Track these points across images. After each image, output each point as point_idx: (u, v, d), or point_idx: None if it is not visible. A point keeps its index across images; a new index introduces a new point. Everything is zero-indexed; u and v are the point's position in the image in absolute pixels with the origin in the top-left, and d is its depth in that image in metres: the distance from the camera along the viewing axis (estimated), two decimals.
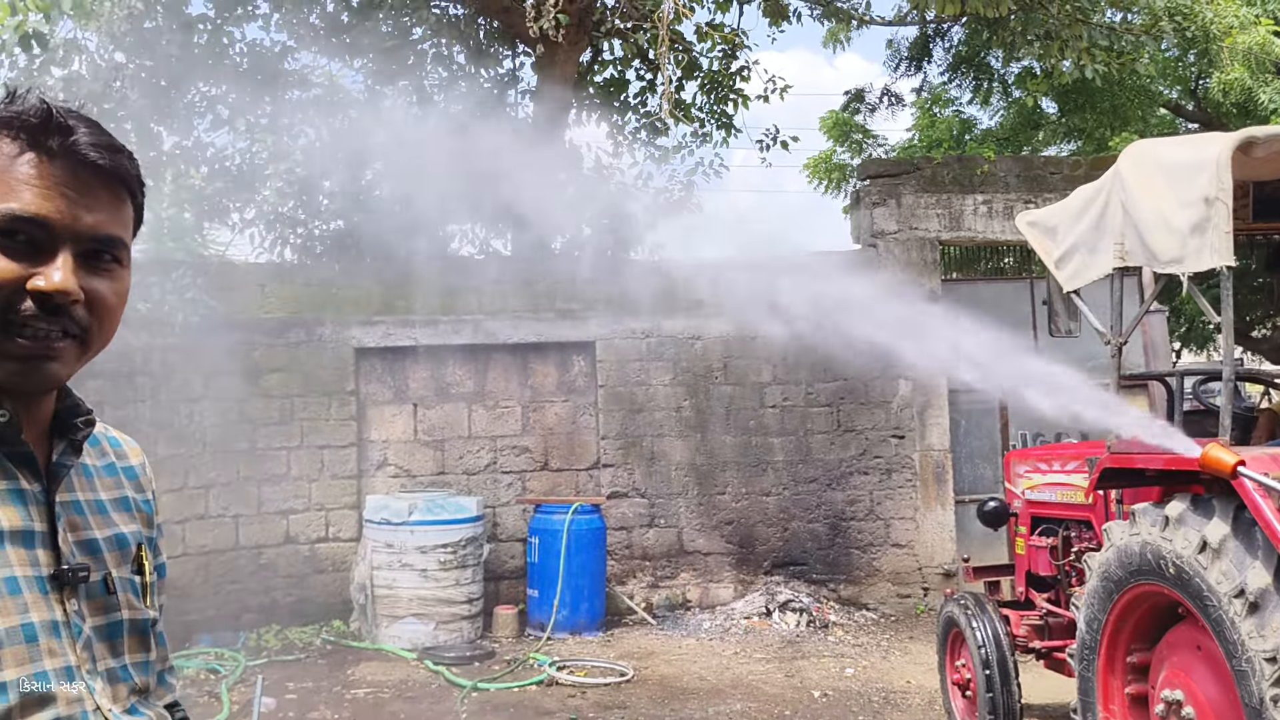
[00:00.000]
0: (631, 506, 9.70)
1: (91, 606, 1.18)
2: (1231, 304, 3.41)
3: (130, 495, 1.33)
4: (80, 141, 1.14)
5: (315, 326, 9.32)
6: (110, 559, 1.23)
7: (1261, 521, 3.15)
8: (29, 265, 1.11)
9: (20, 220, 1.10)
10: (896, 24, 12.20)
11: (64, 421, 1.23)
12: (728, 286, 9.82)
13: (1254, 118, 11.18)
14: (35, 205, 1.11)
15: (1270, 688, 3.07)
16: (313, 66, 10.31)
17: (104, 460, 1.32)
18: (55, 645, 1.11)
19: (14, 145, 1.12)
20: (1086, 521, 5.19)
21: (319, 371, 9.31)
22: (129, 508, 1.32)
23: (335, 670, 7.76)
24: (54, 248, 1.13)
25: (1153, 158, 3.77)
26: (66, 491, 1.21)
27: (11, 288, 1.10)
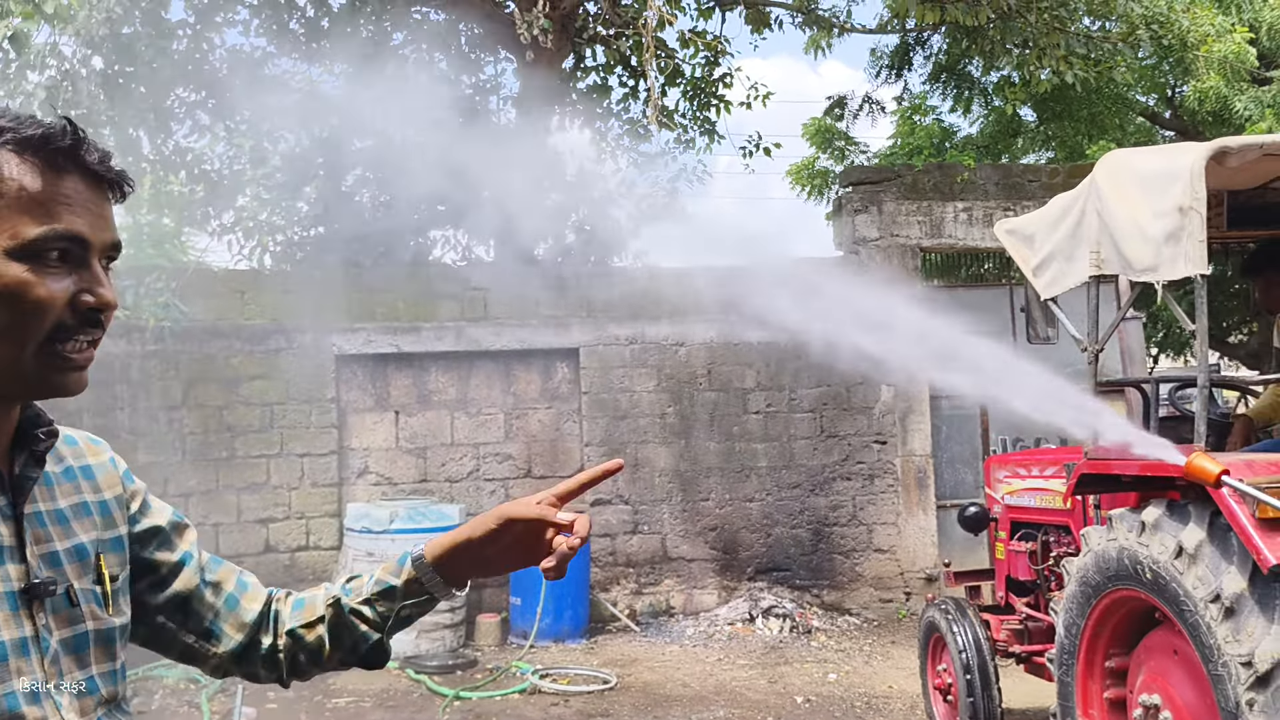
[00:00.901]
0: (615, 513, 9.69)
1: (58, 620, 1.19)
2: (1206, 312, 3.44)
3: (88, 499, 1.32)
4: (94, 159, 1.19)
5: (295, 333, 9.29)
6: (71, 571, 1.23)
7: (1237, 528, 3.18)
8: (74, 281, 1.17)
9: (62, 239, 1.15)
10: (878, 32, 12.26)
11: (25, 432, 1.23)
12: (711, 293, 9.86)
13: (1229, 126, 11.29)
14: (74, 224, 1.16)
15: (1246, 692, 3.10)
16: (292, 72, 10.30)
17: (61, 465, 1.32)
18: (24, 664, 1.12)
19: (41, 164, 1.16)
20: (1065, 526, 5.22)
21: (299, 379, 9.27)
22: (87, 513, 1.31)
23: (316, 679, 7.71)
24: (88, 261, 1.18)
25: (1128, 167, 3.81)
26: (30, 503, 1.22)
27: (64, 304, 1.16)
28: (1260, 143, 3.41)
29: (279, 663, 1.48)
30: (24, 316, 1.13)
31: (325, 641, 1.48)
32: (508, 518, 1.44)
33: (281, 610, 1.51)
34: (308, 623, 1.49)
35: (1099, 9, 9.88)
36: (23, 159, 1.14)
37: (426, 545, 1.48)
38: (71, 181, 1.17)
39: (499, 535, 1.44)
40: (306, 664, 1.50)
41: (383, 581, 1.49)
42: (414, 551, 1.49)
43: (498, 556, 1.47)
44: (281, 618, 1.50)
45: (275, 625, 1.49)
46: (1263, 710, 3.07)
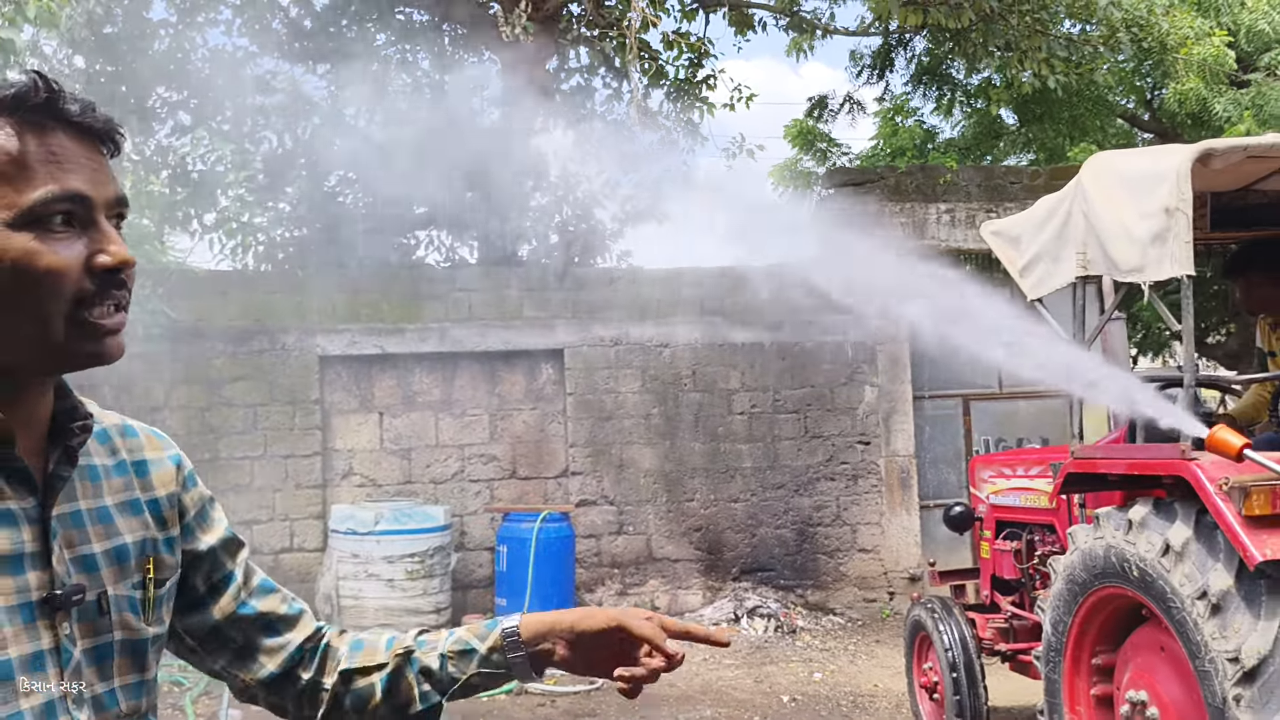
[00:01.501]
0: (600, 514, 9.70)
1: (83, 629, 1.11)
2: (1192, 312, 3.48)
3: (139, 497, 1.23)
4: (74, 110, 1.11)
5: (279, 334, 9.25)
6: (108, 575, 1.15)
7: (1223, 525, 3.22)
8: (85, 243, 1.09)
9: (62, 200, 1.07)
10: (860, 34, 12.32)
11: (61, 425, 1.15)
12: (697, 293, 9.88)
13: (1208, 128, 11.40)
14: (70, 182, 1.08)
15: (1233, 688, 3.14)
16: (275, 72, 10.25)
17: (115, 459, 1.23)
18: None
19: (23, 126, 1.08)
20: (1050, 525, 5.26)
21: (283, 380, 9.23)
22: (137, 511, 1.22)
23: None
24: (94, 219, 1.10)
25: (1114, 169, 3.85)
26: (65, 502, 1.13)
27: (80, 269, 1.08)
28: (1244, 145, 3.46)
29: (319, 701, 1.38)
30: (40, 289, 1.06)
31: (377, 692, 1.38)
32: (621, 625, 1.38)
33: (336, 647, 1.41)
34: (364, 667, 1.39)
35: (1080, 12, 9.97)
36: (3, 122, 1.07)
37: (522, 620, 1.41)
38: (58, 139, 1.09)
39: (604, 637, 1.38)
40: (348, 709, 1.38)
41: (464, 641, 1.40)
42: (507, 623, 1.41)
43: (586, 656, 1.41)
44: (335, 655, 1.40)
45: (324, 662, 1.39)
46: (1249, 705, 3.11)
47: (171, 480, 1.29)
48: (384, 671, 1.38)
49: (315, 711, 1.39)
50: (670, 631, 1.39)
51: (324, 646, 1.40)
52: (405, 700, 1.38)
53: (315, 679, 1.38)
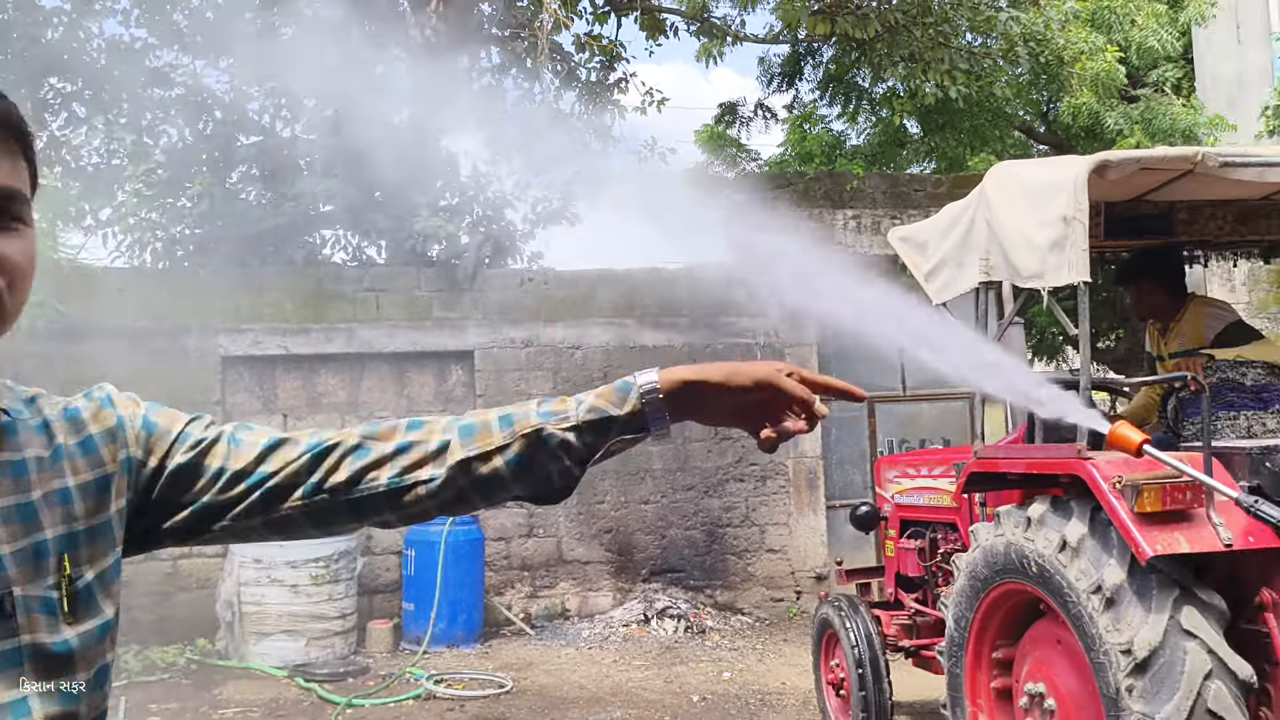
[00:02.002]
0: (510, 516, 9.64)
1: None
2: (1089, 317, 3.62)
3: (70, 484, 1.15)
4: None
5: (179, 334, 8.99)
6: (17, 574, 1.07)
7: (1116, 522, 3.35)
8: None
9: None
10: (769, 42, 12.49)
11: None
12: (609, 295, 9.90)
13: (1100, 140, 11.85)
14: None
15: (1125, 678, 3.26)
16: (175, 65, 9.96)
17: (50, 448, 1.15)
18: None
19: None
20: (952, 524, 5.40)
21: (183, 381, 8.96)
22: (65, 500, 1.14)
23: (201, 690, 7.49)
24: None
25: (1015, 178, 3.98)
26: None
27: None
28: (1137, 157, 3.61)
29: (402, 501, 1.27)
30: None
31: (505, 474, 1.28)
32: (772, 383, 1.32)
33: (423, 441, 1.29)
34: (485, 452, 1.28)
35: (980, 25, 10.28)
36: None
37: (661, 375, 1.31)
38: None
39: (747, 392, 1.32)
40: (474, 496, 1.30)
41: (599, 410, 1.30)
42: (642, 382, 1.31)
43: (729, 409, 1.34)
44: (427, 447, 1.28)
45: (424, 459, 1.27)
46: (1141, 695, 3.24)
47: (127, 442, 1.22)
48: (507, 453, 1.29)
49: (407, 508, 1.29)
50: (814, 386, 1.35)
51: (407, 444, 1.29)
52: (541, 477, 1.31)
53: (407, 479, 1.27)
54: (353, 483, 1.26)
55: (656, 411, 1.30)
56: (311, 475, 1.26)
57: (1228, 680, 3.24)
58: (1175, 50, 12.65)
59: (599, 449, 1.31)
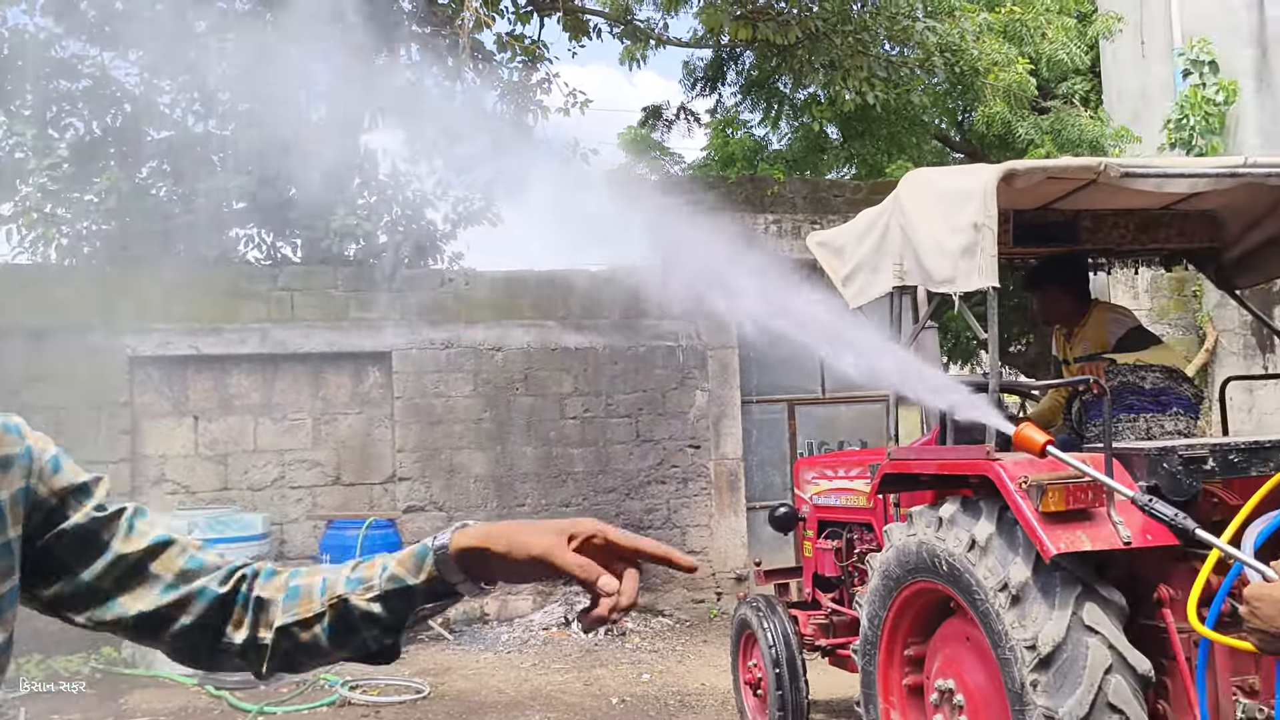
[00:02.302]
0: (429, 520, 9.53)
1: None
2: (997, 322, 3.71)
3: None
4: None
5: (85, 333, 8.71)
6: None
7: (1022, 521, 3.44)
8: None
9: None
10: (692, 46, 12.56)
11: None
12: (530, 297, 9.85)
13: (1012, 149, 12.16)
14: None
15: (1030, 673, 3.35)
16: (83, 56, 9.65)
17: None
18: None
19: None
20: (868, 524, 5.49)
21: (88, 382, 8.70)
22: None
23: (106, 700, 7.27)
24: None
25: (928, 185, 4.06)
26: None
27: None
28: (1044, 166, 3.71)
29: (259, 658, 1.28)
30: None
31: (323, 641, 1.27)
32: (547, 561, 1.23)
33: (269, 601, 1.29)
34: (303, 620, 1.27)
35: (898, 35, 10.47)
36: None
37: (453, 538, 1.25)
38: None
39: (530, 565, 1.24)
40: (302, 660, 1.29)
41: (398, 579, 1.26)
42: (436, 544, 1.26)
43: (524, 575, 1.28)
44: (270, 611, 1.28)
45: (258, 615, 1.28)
46: (1045, 690, 3.33)
47: (20, 474, 1.19)
48: (323, 621, 1.27)
49: (260, 665, 1.29)
50: (620, 551, 1.26)
51: (253, 599, 1.28)
52: (358, 644, 1.28)
53: (252, 636, 1.27)
54: (217, 635, 1.27)
55: (455, 576, 1.25)
56: (183, 616, 1.25)
57: (1127, 674, 3.34)
58: (1084, 63, 13.05)
59: (406, 616, 1.27)
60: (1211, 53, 10.67)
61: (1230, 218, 4.89)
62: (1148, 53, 11.79)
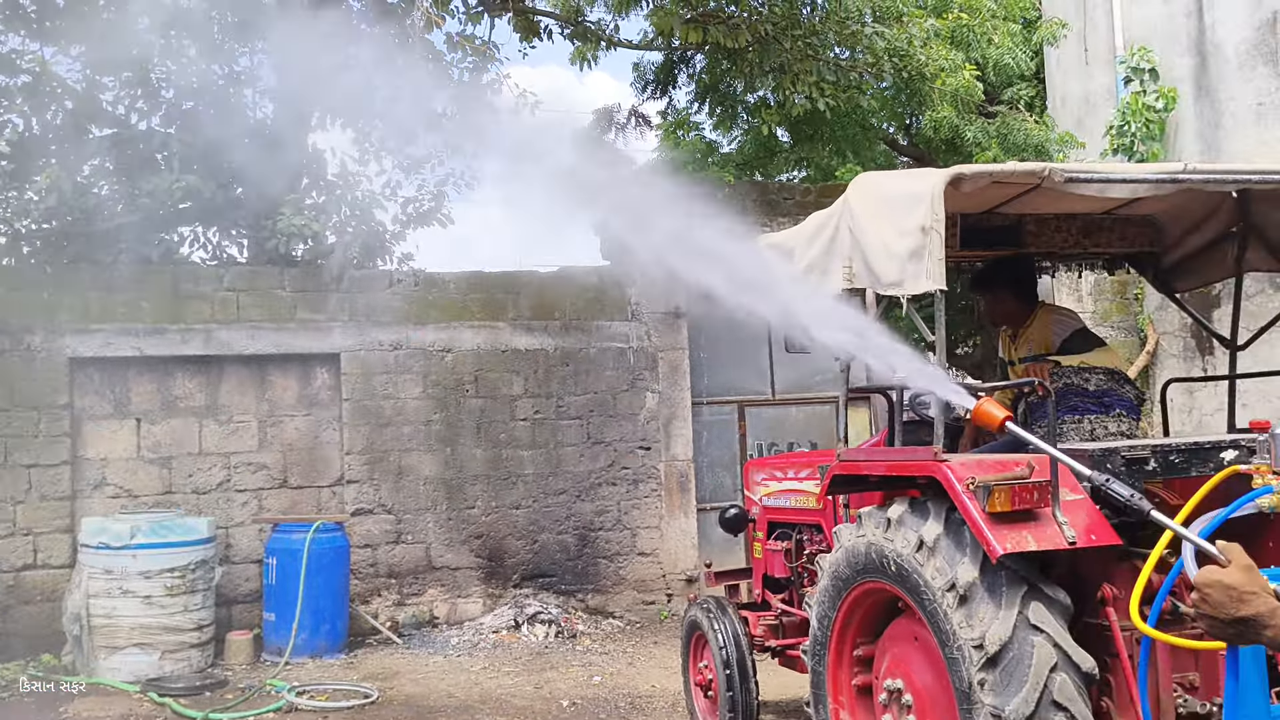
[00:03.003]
0: (377, 523, 9.45)
1: None
2: (944, 324, 3.75)
3: None
4: None
5: (22, 334, 8.53)
6: None
7: (969, 521, 3.47)
8: None
9: None
10: (643, 48, 12.57)
11: None
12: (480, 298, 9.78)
13: (960, 153, 12.33)
14: None
15: (978, 672, 3.38)
16: (21, 51, 9.43)
17: None
18: None
19: None
20: (817, 525, 5.52)
21: (26, 383, 8.52)
22: None
23: (46, 709, 7.10)
24: None
25: (876, 189, 4.09)
26: None
27: None
28: (990, 171, 3.75)
29: None
30: None
31: None
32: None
33: None
34: None
35: (847, 40, 10.56)
36: None
37: None
38: None
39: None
40: None
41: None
42: None
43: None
44: None
45: None
46: (992, 689, 3.37)
47: None
48: None
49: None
50: None
51: None
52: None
53: None
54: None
55: None
56: None
57: (1072, 672, 3.39)
58: (1029, 69, 13.26)
59: None
60: (1152, 60, 10.87)
61: (1170, 222, 5.00)
62: (1090, 59, 12.00)
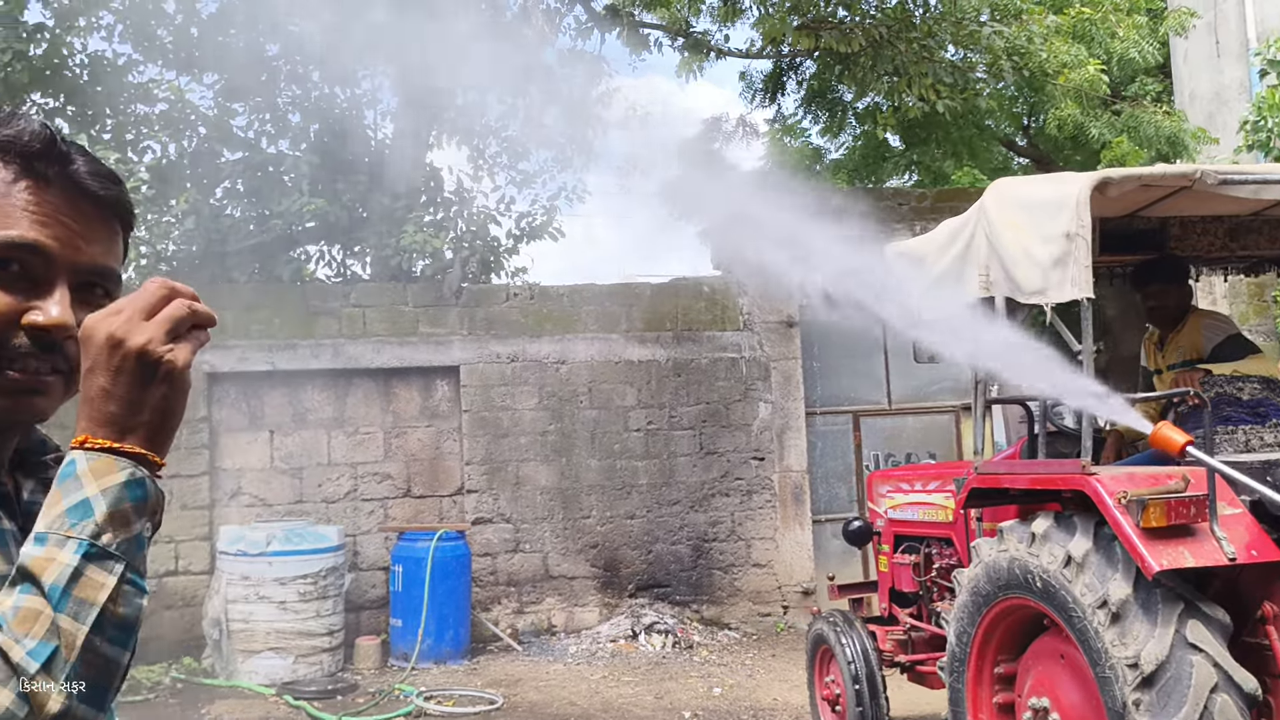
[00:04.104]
0: (496, 532, 9.60)
1: None
2: (1091, 333, 3.65)
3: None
4: (80, 170, 1.10)
5: None
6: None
7: (1122, 537, 3.37)
8: (24, 298, 1.06)
9: (18, 249, 1.05)
10: (752, 56, 12.55)
11: (27, 458, 1.17)
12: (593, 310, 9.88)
13: (1085, 150, 11.96)
14: (35, 233, 1.06)
15: (1132, 692, 3.28)
16: (159, 80, 9.90)
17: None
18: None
19: (8, 170, 1.07)
20: (948, 539, 5.41)
21: None
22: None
23: (188, 709, 7.40)
24: (51, 279, 1.08)
25: (1016, 195, 4.01)
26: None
27: (6, 320, 1.05)
28: (1139, 174, 3.65)
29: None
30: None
31: None
32: None
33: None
34: None
35: (964, 40, 10.35)
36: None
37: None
38: (50, 192, 1.07)
39: None
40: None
41: None
42: None
43: None
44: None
45: None
46: (1148, 709, 3.26)
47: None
48: None
49: None
50: None
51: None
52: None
53: None
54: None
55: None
56: None
57: (1233, 693, 3.26)
58: (1155, 61, 12.79)
59: None
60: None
61: None
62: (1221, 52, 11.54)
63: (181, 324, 1.04)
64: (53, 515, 0.98)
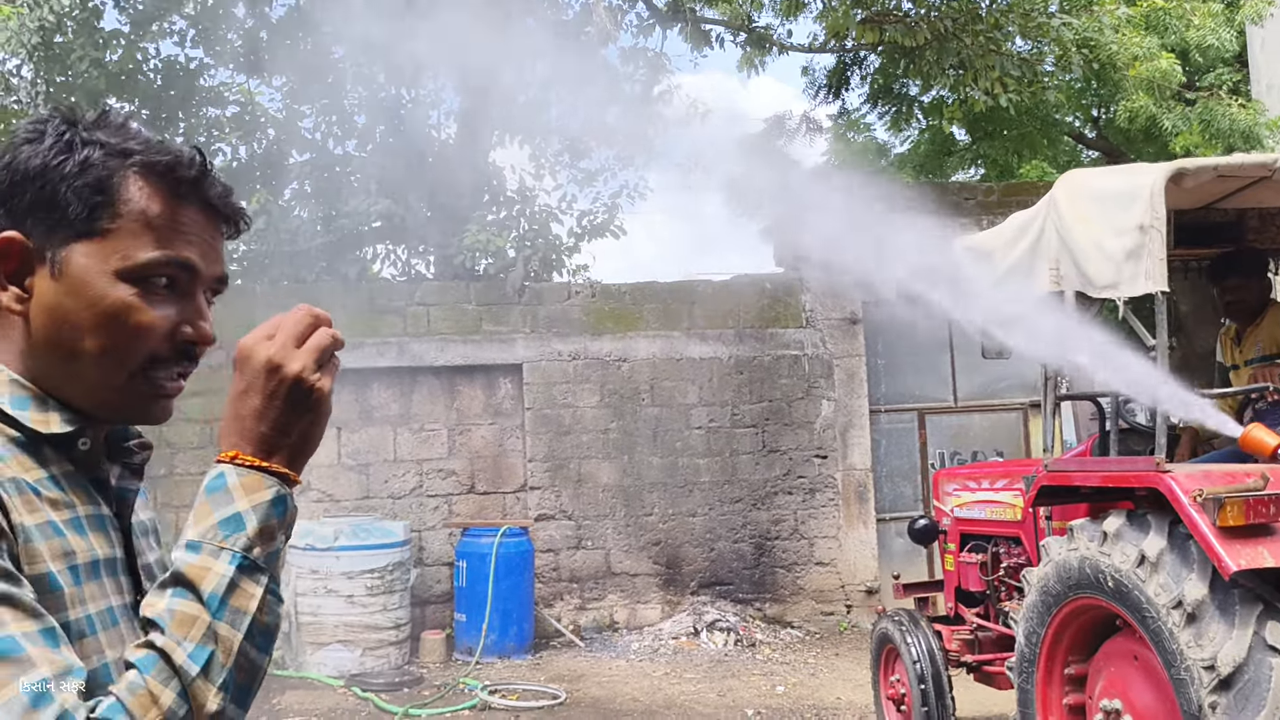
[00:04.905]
0: (559, 528, 9.65)
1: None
2: (1166, 327, 3.56)
3: (144, 518, 1.30)
4: (213, 190, 1.18)
5: (233, 349, 9.09)
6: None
7: (1198, 536, 3.29)
8: (179, 312, 1.16)
9: (179, 267, 1.15)
10: (815, 51, 12.45)
11: (114, 445, 1.23)
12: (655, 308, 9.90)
13: (1156, 142, 11.68)
14: (188, 252, 1.15)
15: (1209, 695, 3.20)
16: (229, 84, 10.12)
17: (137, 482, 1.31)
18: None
19: (161, 192, 1.14)
20: (1016, 538, 5.33)
21: None
22: (151, 531, 1.32)
23: (260, 699, 7.54)
24: (193, 292, 1.18)
25: (1087, 187, 3.93)
26: (130, 515, 1.22)
27: (169, 333, 1.15)
28: (1215, 165, 3.55)
29: None
30: (124, 340, 1.13)
31: None
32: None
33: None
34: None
35: (1032, 32, 10.17)
36: (147, 182, 1.14)
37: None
38: (191, 211, 1.16)
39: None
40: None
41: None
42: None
43: None
44: None
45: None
46: (1225, 712, 3.17)
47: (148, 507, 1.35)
48: None
49: None
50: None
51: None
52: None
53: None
54: None
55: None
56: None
57: None
58: (1234, 48, 12.42)
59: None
60: None
61: None
62: None
63: (327, 353, 1.14)
64: (205, 526, 1.06)
